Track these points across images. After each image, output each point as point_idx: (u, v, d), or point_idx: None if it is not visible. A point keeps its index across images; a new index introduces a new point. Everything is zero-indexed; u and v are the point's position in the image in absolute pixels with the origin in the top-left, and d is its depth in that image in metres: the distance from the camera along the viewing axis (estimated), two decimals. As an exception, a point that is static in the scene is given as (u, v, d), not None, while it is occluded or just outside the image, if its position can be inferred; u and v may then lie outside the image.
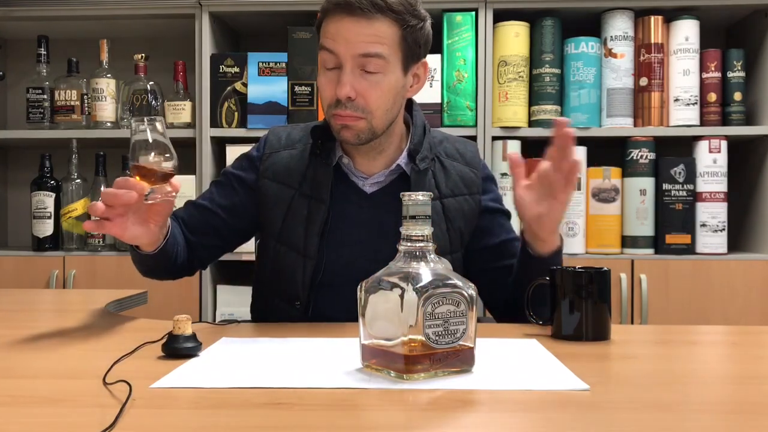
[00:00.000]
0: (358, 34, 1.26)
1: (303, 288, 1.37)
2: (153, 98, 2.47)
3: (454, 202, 1.41)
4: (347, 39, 1.27)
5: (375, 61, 1.27)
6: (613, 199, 2.32)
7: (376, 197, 1.40)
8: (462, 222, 1.41)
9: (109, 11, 2.43)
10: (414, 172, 1.38)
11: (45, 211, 2.49)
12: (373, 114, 1.30)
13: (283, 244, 1.40)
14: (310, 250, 1.36)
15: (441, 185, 1.40)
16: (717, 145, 2.30)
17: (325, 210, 1.37)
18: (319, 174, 1.39)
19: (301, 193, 1.39)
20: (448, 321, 0.87)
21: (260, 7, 2.37)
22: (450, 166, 1.43)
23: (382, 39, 1.27)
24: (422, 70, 1.39)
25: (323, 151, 1.40)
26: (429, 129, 1.45)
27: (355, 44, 1.26)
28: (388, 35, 1.28)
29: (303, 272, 1.37)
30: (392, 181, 1.40)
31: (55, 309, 1.60)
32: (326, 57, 1.31)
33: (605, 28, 2.36)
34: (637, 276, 2.24)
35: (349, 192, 1.40)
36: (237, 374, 0.90)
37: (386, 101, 1.31)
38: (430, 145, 1.42)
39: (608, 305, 1.14)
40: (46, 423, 0.72)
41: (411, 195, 0.91)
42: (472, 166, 1.46)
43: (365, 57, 1.27)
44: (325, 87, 1.32)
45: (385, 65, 1.29)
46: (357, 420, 0.74)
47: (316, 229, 1.37)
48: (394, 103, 1.33)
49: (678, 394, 0.84)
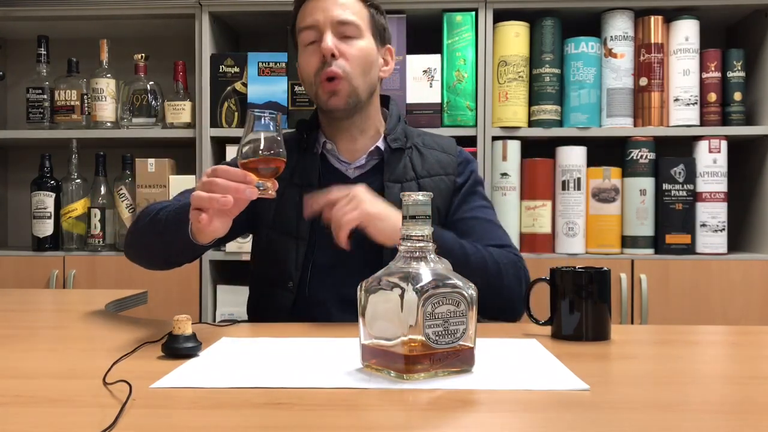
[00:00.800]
0: (334, 4, 1.41)
1: (296, 268, 1.41)
2: (153, 98, 2.47)
3: (430, 182, 1.47)
4: (325, 9, 1.41)
5: (351, 28, 1.41)
6: (613, 199, 2.32)
7: (359, 180, 1.45)
8: (439, 200, 1.45)
9: (109, 11, 2.43)
10: (387, 152, 1.46)
11: (45, 211, 2.49)
12: (353, 73, 1.40)
13: (275, 231, 1.45)
14: (302, 232, 1.42)
15: (417, 167, 1.48)
16: (717, 145, 2.30)
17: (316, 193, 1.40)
18: (307, 163, 1.47)
19: (291, 183, 1.45)
20: (448, 321, 0.87)
21: (260, 7, 2.37)
22: (427, 153, 1.51)
23: (355, 11, 1.43)
24: (389, 55, 1.53)
25: (308, 142, 1.48)
26: (405, 120, 1.56)
27: (332, 12, 1.41)
28: (359, 11, 1.44)
29: (296, 253, 1.41)
30: (373, 166, 1.48)
31: (55, 309, 1.60)
32: (306, 35, 1.43)
33: (605, 28, 2.36)
34: (637, 276, 2.24)
35: (334, 178, 1.46)
36: (237, 374, 0.90)
37: (364, 62, 1.42)
38: (405, 132, 1.51)
39: (608, 305, 1.14)
40: (46, 423, 0.72)
41: (411, 195, 0.91)
42: (448, 152, 1.53)
43: (342, 24, 1.41)
44: (308, 60, 1.43)
45: (360, 32, 1.42)
46: (357, 420, 0.74)
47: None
48: (371, 69, 1.44)
49: (678, 394, 0.84)
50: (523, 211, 2.34)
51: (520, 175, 2.34)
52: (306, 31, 1.43)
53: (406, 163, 1.47)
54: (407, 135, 1.51)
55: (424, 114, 2.31)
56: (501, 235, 1.45)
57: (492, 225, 1.47)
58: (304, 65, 1.45)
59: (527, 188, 2.34)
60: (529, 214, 2.33)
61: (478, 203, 1.49)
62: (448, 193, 1.48)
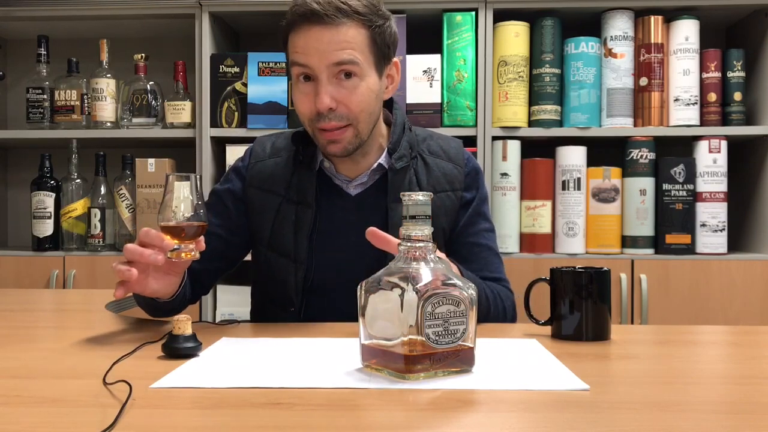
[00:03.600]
0: (329, 42, 1.25)
1: (296, 293, 1.37)
2: (153, 98, 2.47)
3: (436, 199, 1.39)
4: (318, 49, 1.25)
5: (349, 67, 1.27)
6: (613, 199, 2.32)
7: (360, 198, 1.40)
8: (444, 218, 1.40)
9: (109, 11, 2.43)
10: (391, 171, 1.38)
11: (45, 211, 2.49)
12: (357, 119, 1.30)
13: (273, 251, 1.40)
14: (300, 255, 1.37)
15: (423, 182, 1.40)
16: (717, 145, 2.30)
17: (312, 214, 1.38)
18: (304, 180, 1.40)
19: (287, 199, 1.40)
20: (448, 321, 0.87)
21: (260, 7, 2.37)
22: (433, 163, 1.43)
23: (353, 44, 1.26)
24: (394, 70, 1.38)
25: (305, 156, 1.40)
26: (409, 127, 1.45)
27: (327, 54, 1.25)
28: (358, 40, 1.27)
29: (294, 277, 1.37)
30: (375, 181, 1.41)
31: (55, 309, 1.60)
32: (299, 71, 1.29)
33: (605, 28, 2.36)
34: (637, 276, 2.24)
35: (333, 195, 1.40)
36: (237, 374, 0.90)
37: (368, 105, 1.30)
38: (409, 144, 1.42)
39: (608, 305, 1.14)
40: (46, 423, 0.72)
41: (411, 195, 0.91)
42: (455, 162, 1.44)
43: (339, 65, 1.26)
44: (302, 101, 1.31)
45: (360, 70, 1.28)
46: (357, 420, 0.74)
47: (305, 233, 1.37)
48: (375, 105, 1.33)
49: (678, 394, 0.84)
50: (523, 211, 2.34)
51: (520, 175, 2.34)
52: (299, 67, 1.29)
53: (410, 178, 1.40)
54: (412, 146, 1.42)
55: (424, 114, 2.31)
56: (498, 266, 1.46)
57: (492, 255, 1.45)
58: (297, 103, 1.33)
59: (527, 188, 2.34)
60: (529, 214, 2.33)
61: (483, 226, 1.46)
62: (454, 209, 1.42)
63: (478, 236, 1.44)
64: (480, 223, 1.45)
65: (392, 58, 1.36)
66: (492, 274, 1.43)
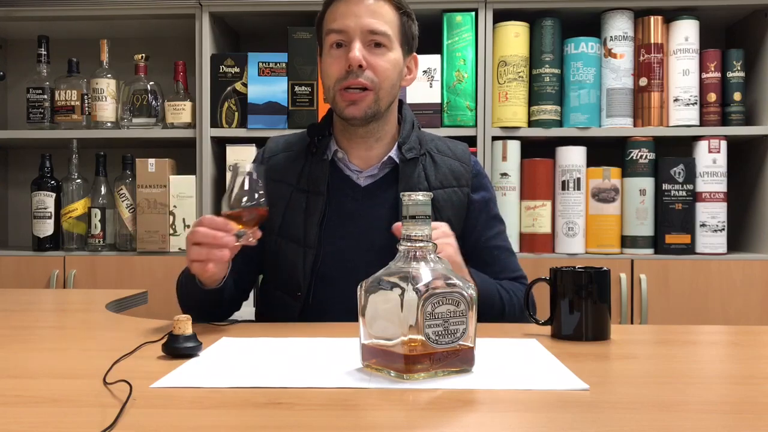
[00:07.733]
0: (366, 11, 1.37)
1: (304, 278, 1.40)
2: (153, 98, 2.47)
3: (443, 194, 1.45)
4: (357, 14, 1.37)
5: (381, 38, 1.38)
6: (613, 199, 2.32)
7: (370, 190, 1.44)
8: (451, 212, 1.44)
9: (109, 11, 2.43)
10: (402, 161, 1.43)
11: (45, 211, 2.49)
12: (380, 86, 1.38)
13: (283, 237, 1.43)
14: (310, 240, 1.40)
15: (431, 177, 1.45)
16: (717, 145, 2.30)
17: (323, 202, 1.42)
18: (316, 169, 1.45)
19: (298, 188, 1.44)
20: (448, 321, 0.87)
21: (260, 7, 2.38)
22: (440, 160, 1.48)
23: (387, 20, 1.39)
24: (413, 63, 1.51)
25: (319, 147, 1.45)
26: (418, 125, 1.53)
27: (364, 20, 1.37)
28: (391, 18, 1.40)
29: (303, 261, 1.40)
30: (385, 175, 1.46)
31: (55, 309, 1.60)
32: (333, 37, 1.39)
33: (605, 28, 2.36)
34: (637, 276, 2.24)
35: (344, 185, 1.45)
36: (237, 374, 0.90)
37: (392, 75, 1.40)
38: (419, 139, 1.48)
39: (608, 305, 1.14)
40: (46, 423, 0.72)
41: (411, 195, 0.91)
42: (462, 161, 1.50)
43: (373, 33, 1.37)
44: (332, 64, 1.39)
45: (390, 42, 1.39)
46: (357, 420, 0.74)
47: (315, 220, 1.41)
48: (396, 80, 1.42)
49: (678, 394, 0.84)
50: (523, 211, 2.34)
51: (520, 175, 2.34)
52: (333, 34, 1.39)
53: (419, 172, 1.44)
54: (421, 142, 1.47)
55: (424, 114, 2.31)
56: (515, 264, 1.51)
57: (510, 255, 1.51)
58: (326, 68, 1.41)
59: (527, 188, 2.34)
60: (529, 214, 2.33)
61: (498, 228, 1.51)
62: (461, 206, 1.46)
63: (496, 239, 1.49)
64: (496, 226, 1.51)
65: (413, 52, 1.49)
66: (513, 273, 1.49)
